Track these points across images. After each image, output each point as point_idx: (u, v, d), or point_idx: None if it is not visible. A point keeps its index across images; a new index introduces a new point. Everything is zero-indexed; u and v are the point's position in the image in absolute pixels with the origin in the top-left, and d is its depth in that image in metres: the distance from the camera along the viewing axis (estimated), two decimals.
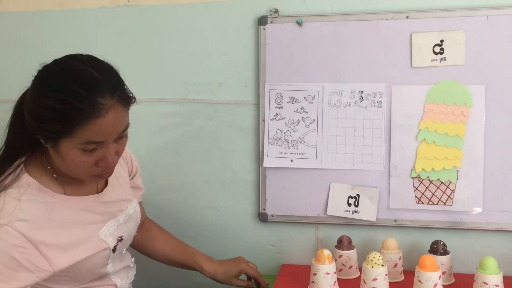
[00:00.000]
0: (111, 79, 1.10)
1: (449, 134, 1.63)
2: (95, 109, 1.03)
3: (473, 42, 1.60)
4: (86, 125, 1.03)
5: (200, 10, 1.77)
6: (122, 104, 1.09)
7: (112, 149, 1.12)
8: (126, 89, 1.14)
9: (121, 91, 1.10)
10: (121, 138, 1.14)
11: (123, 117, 1.11)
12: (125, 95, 1.12)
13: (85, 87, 1.04)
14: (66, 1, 1.86)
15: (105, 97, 1.05)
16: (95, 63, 1.11)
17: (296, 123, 1.73)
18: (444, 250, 1.57)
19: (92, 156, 1.09)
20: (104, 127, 1.06)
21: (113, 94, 1.07)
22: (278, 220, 1.78)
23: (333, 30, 1.68)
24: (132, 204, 1.38)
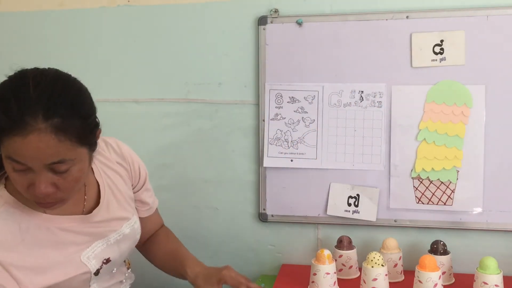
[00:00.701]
0: (57, 103, 0.96)
1: (449, 134, 1.63)
2: (17, 125, 0.93)
3: (473, 42, 1.60)
4: (7, 138, 0.95)
5: (200, 10, 1.77)
6: (55, 132, 0.95)
7: (44, 178, 0.99)
8: (77, 122, 0.99)
9: (63, 120, 0.96)
10: (63, 172, 1.00)
11: (53, 147, 0.96)
12: (68, 126, 0.97)
13: (17, 100, 0.95)
14: (66, 1, 1.87)
15: (35, 118, 0.94)
16: (48, 81, 0.99)
17: (296, 123, 1.73)
18: (444, 250, 1.57)
19: (23, 177, 1.00)
20: (23, 149, 0.95)
21: (48, 118, 0.95)
22: (278, 220, 1.78)
23: (333, 30, 1.68)
24: (129, 222, 1.28)
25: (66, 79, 1.04)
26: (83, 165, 1.05)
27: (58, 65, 1.91)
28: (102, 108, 1.84)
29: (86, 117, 1.03)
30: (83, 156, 1.03)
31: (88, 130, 1.03)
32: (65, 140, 0.97)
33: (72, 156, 1.00)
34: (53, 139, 0.95)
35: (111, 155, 1.29)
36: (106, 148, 1.29)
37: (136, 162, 1.34)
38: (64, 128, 0.96)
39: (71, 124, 0.98)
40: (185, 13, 1.79)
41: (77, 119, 1.00)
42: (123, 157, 1.31)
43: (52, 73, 1.03)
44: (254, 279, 1.82)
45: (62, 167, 1.00)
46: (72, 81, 1.05)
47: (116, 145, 1.31)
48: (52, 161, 0.98)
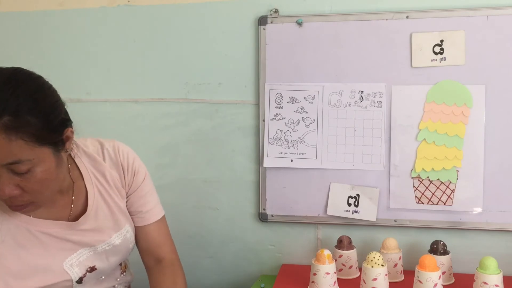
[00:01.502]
0: (7, 101, 0.92)
1: (449, 134, 1.63)
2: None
3: (473, 42, 1.60)
4: None
5: (200, 10, 1.78)
6: (5, 131, 0.91)
7: (5, 179, 0.96)
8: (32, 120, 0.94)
9: (14, 119, 0.91)
10: (24, 173, 0.96)
11: (5, 148, 0.92)
12: (21, 125, 0.92)
13: None
14: (66, 1, 1.87)
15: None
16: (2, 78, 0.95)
17: (296, 123, 1.73)
18: (444, 250, 1.57)
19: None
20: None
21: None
22: (278, 220, 1.78)
23: (333, 30, 1.68)
24: (120, 232, 1.22)
25: (23, 77, 0.98)
26: (48, 166, 0.99)
27: (59, 65, 1.93)
28: (102, 108, 1.88)
29: (45, 115, 0.96)
30: (45, 156, 0.98)
31: (48, 128, 0.97)
32: (17, 140, 0.92)
33: (30, 156, 0.95)
34: (3, 138, 0.91)
35: (105, 160, 1.22)
36: (101, 152, 1.23)
37: (132, 167, 1.25)
38: (15, 127, 0.91)
39: (25, 123, 0.93)
40: (185, 13, 1.79)
41: (33, 117, 0.94)
42: (117, 163, 1.23)
43: (8, 71, 0.98)
44: (254, 279, 1.82)
45: (21, 167, 0.95)
46: (30, 79, 0.99)
47: (112, 149, 1.24)
48: (6, 161, 0.94)
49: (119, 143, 1.27)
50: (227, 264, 1.87)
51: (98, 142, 1.22)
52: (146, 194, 1.29)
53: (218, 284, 1.87)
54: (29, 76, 1.00)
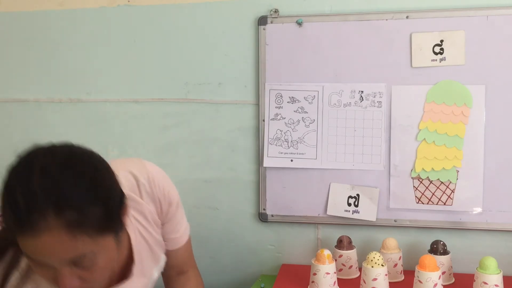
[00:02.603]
0: (68, 195, 0.84)
1: (449, 134, 1.63)
2: (26, 224, 0.83)
3: (473, 42, 1.60)
4: (19, 236, 0.86)
5: (200, 10, 1.78)
6: (69, 229, 0.84)
7: (67, 273, 0.89)
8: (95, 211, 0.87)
9: (77, 213, 0.84)
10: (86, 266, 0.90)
11: (69, 245, 0.85)
12: (84, 219, 0.85)
13: (24, 195, 0.84)
14: (66, 1, 1.87)
15: (45, 215, 0.83)
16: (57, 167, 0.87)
17: (296, 123, 1.73)
18: (444, 250, 1.57)
19: (45, 271, 0.91)
20: (37, 249, 0.86)
21: (59, 214, 0.83)
22: (278, 220, 1.78)
23: (333, 30, 1.68)
24: (159, 265, 1.21)
25: (79, 161, 0.90)
26: (110, 253, 0.94)
27: (59, 65, 1.93)
28: (102, 108, 1.88)
29: (106, 201, 0.89)
30: (107, 244, 0.92)
31: (110, 216, 0.91)
32: (81, 235, 0.85)
33: (93, 249, 0.89)
34: (66, 235, 0.84)
35: (142, 197, 1.15)
36: (137, 189, 1.14)
37: (167, 198, 1.19)
38: (79, 223, 0.84)
39: (88, 216, 0.86)
40: (185, 13, 1.79)
41: (95, 207, 0.87)
42: (154, 197, 1.16)
43: (63, 155, 0.90)
44: (254, 279, 1.82)
45: (84, 262, 0.89)
46: (87, 161, 0.92)
47: (147, 182, 1.15)
48: (70, 257, 0.87)
49: (152, 171, 1.18)
50: (227, 264, 1.87)
51: (132, 176, 1.13)
52: (180, 220, 1.27)
53: (218, 284, 1.87)
54: (83, 157, 0.92)
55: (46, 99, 1.91)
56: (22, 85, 1.94)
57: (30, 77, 1.93)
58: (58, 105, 1.91)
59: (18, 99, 1.94)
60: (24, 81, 1.94)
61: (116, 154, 1.88)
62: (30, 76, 1.93)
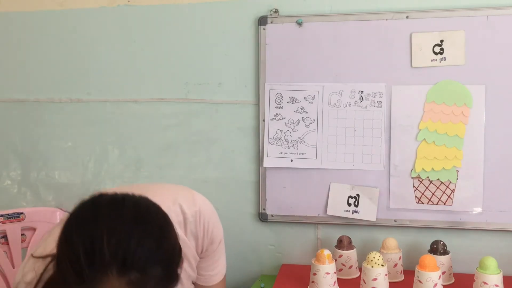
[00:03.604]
0: (134, 256, 0.81)
1: (449, 134, 1.63)
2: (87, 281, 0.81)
3: (473, 42, 1.60)
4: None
5: (200, 10, 1.77)
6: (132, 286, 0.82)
7: None
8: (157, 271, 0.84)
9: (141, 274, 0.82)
10: None
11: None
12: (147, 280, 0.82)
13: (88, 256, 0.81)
14: (66, 1, 1.87)
15: (108, 275, 0.80)
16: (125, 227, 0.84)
17: (296, 123, 1.73)
18: (444, 250, 1.57)
19: None
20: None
21: (123, 275, 0.80)
22: (278, 220, 1.78)
23: (333, 30, 1.68)
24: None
25: (146, 219, 0.87)
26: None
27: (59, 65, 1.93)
28: (102, 108, 1.88)
29: (169, 261, 0.87)
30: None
31: (170, 275, 0.88)
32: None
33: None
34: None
35: (187, 235, 1.13)
36: (183, 225, 1.13)
37: (210, 237, 1.17)
38: (142, 284, 0.82)
39: (151, 277, 0.83)
40: (185, 13, 1.79)
41: (158, 267, 0.84)
42: (196, 234, 1.15)
43: (129, 212, 0.86)
44: (254, 279, 1.82)
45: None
46: (153, 219, 0.89)
47: (193, 219, 1.14)
48: None
49: (200, 206, 1.16)
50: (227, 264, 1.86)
51: (180, 211, 1.12)
52: (218, 259, 1.24)
53: None
54: (152, 215, 0.89)
55: (46, 99, 1.91)
56: (22, 85, 1.94)
57: (30, 77, 1.93)
58: (58, 105, 1.91)
59: (18, 99, 1.94)
60: (24, 81, 1.94)
61: (116, 154, 1.88)
62: (30, 76, 1.93)
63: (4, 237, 1.72)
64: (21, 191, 1.96)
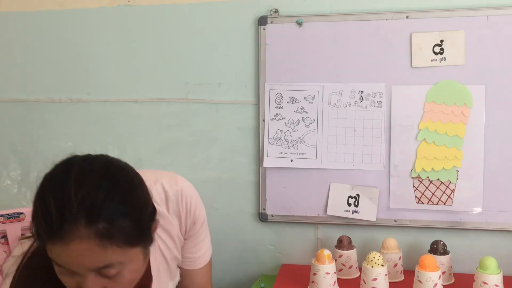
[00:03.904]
0: (102, 207, 0.86)
1: (449, 134, 1.63)
2: (57, 232, 0.85)
3: (473, 42, 1.60)
4: (49, 243, 0.88)
5: (200, 10, 1.77)
6: (100, 239, 0.85)
7: (91, 282, 0.90)
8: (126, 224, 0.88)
9: (109, 225, 0.86)
10: (112, 276, 0.91)
11: (98, 254, 0.87)
12: (115, 231, 0.87)
13: (57, 205, 0.85)
14: (66, 1, 1.87)
15: (77, 224, 0.84)
16: (93, 179, 0.88)
17: (296, 123, 1.73)
18: (444, 250, 1.57)
19: (70, 280, 0.92)
20: (65, 256, 0.87)
21: (91, 224, 0.84)
22: (278, 220, 1.78)
23: (333, 30, 1.68)
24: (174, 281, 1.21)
25: (115, 174, 0.92)
26: (137, 265, 0.95)
27: (59, 65, 1.93)
28: (102, 108, 1.88)
29: (138, 216, 0.91)
30: (135, 256, 0.93)
31: (140, 229, 0.92)
32: (111, 246, 0.87)
33: (122, 259, 0.90)
34: (97, 246, 0.86)
35: (169, 212, 1.15)
36: (165, 203, 1.15)
37: (192, 216, 1.19)
38: (109, 234, 0.86)
39: (118, 228, 0.87)
40: (185, 13, 1.79)
41: (126, 220, 0.88)
42: (179, 213, 1.17)
43: (99, 166, 0.91)
44: (254, 279, 1.82)
45: (110, 271, 0.90)
46: (122, 175, 0.93)
47: (175, 198, 1.16)
48: (97, 266, 0.88)
49: (182, 186, 1.18)
50: (227, 264, 1.87)
51: (162, 190, 1.14)
52: (202, 241, 1.25)
53: (218, 284, 1.87)
54: (121, 171, 0.94)
55: (46, 99, 1.91)
56: (22, 85, 1.94)
57: (30, 77, 1.93)
58: (58, 105, 1.91)
59: (18, 99, 1.94)
60: (24, 81, 1.94)
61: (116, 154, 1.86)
62: (30, 76, 1.93)
63: (4, 237, 1.72)
64: (21, 191, 1.96)
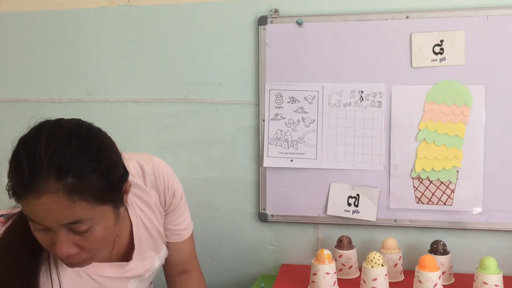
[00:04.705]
0: (70, 163, 0.90)
1: (449, 134, 1.63)
2: (29, 187, 0.89)
3: (473, 42, 1.60)
4: (22, 198, 0.92)
5: (200, 10, 1.78)
6: (68, 193, 0.89)
7: (63, 238, 0.94)
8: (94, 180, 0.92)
9: (77, 180, 0.90)
10: (83, 232, 0.95)
11: (67, 209, 0.90)
12: (83, 186, 0.91)
13: (29, 161, 0.90)
14: (66, 1, 1.87)
15: (47, 179, 0.88)
16: (63, 138, 0.92)
17: (296, 123, 1.73)
18: (444, 250, 1.57)
19: (45, 236, 0.96)
20: (37, 210, 0.91)
21: (60, 179, 0.89)
22: (278, 220, 1.78)
23: (333, 30, 1.68)
24: (159, 255, 1.25)
25: (84, 134, 0.96)
26: (108, 224, 0.98)
27: (59, 65, 1.93)
28: (102, 108, 1.88)
29: (106, 174, 0.95)
30: (105, 214, 0.97)
31: (109, 187, 0.96)
32: (79, 201, 0.91)
33: (91, 216, 0.94)
34: (66, 200, 0.90)
35: (146, 185, 1.20)
36: (142, 176, 1.20)
37: (171, 189, 1.24)
38: (78, 189, 0.90)
39: (87, 184, 0.91)
40: (185, 13, 1.79)
41: (94, 177, 0.92)
42: (157, 186, 1.22)
43: (70, 127, 0.95)
44: (254, 279, 1.82)
45: (81, 227, 0.94)
46: (92, 136, 0.97)
47: (152, 172, 1.21)
48: (67, 221, 0.92)
49: (157, 163, 1.24)
50: (227, 264, 1.87)
51: (138, 165, 1.19)
52: (183, 213, 1.30)
53: (218, 284, 1.87)
54: (91, 132, 0.99)
55: (46, 99, 1.91)
56: (22, 85, 1.94)
57: (30, 77, 1.93)
58: (58, 105, 1.91)
59: (18, 99, 1.94)
60: (24, 81, 1.94)
61: None
62: (30, 76, 1.93)
63: None
64: None
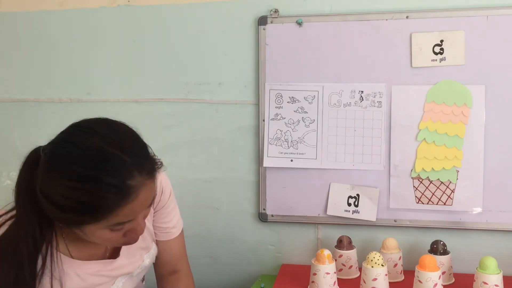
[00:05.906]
0: (137, 152, 0.98)
1: (449, 134, 1.63)
2: (125, 195, 0.93)
3: (473, 42, 1.60)
4: (116, 211, 0.94)
5: (200, 10, 1.78)
6: (151, 177, 0.99)
7: (141, 219, 1.04)
8: (151, 156, 1.03)
9: (147, 162, 1.00)
10: (150, 205, 1.05)
11: (153, 189, 1.02)
12: (152, 165, 1.01)
13: (112, 174, 0.92)
14: (66, 1, 1.87)
15: (134, 177, 0.94)
16: (115, 135, 0.97)
17: (296, 123, 1.73)
18: (444, 250, 1.57)
19: (121, 231, 1.01)
20: (135, 208, 0.97)
21: (141, 170, 0.96)
22: (278, 220, 1.78)
23: (333, 30, 1.68)
24: (149, 253, 1.27)
25: (125, 127, 1.06)
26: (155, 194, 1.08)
27: (59, 65, 1.93)
28: (102, 108, 1.88)
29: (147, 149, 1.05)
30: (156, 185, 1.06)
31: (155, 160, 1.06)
32: (155, 177, 1.02)
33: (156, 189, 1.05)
34: (152, 182, 1.00)
35: None
36: None
37: (159, 186, 1.26)
38: (151, 170, 1.00)
39: (150, 162, 1.01)
40: (185, 13, 1.79)
41: (148, 154, 1.03)
42: None
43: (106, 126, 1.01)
44: (254, 279, 1.82)
45: (152, 202, 1.05)
46: (126, 125, 1.07)
47: None
48: (150, 202, 1.03)
49: None
50: (227, 264, 1.87)
51: None
52: (171, 210, 1.31)
53: (218, 284, 1.87)
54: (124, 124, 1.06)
55: (46, 99, 1.91)
56: (22, 85, 1.94)
57: (30, 77, 1.93)
58: (58, 105, 1.91)
59: (18, 99, 1.94)
60: (24, 81, 1.94)
61: None
62: (30, 76, 1.93)
63: None
64: None
